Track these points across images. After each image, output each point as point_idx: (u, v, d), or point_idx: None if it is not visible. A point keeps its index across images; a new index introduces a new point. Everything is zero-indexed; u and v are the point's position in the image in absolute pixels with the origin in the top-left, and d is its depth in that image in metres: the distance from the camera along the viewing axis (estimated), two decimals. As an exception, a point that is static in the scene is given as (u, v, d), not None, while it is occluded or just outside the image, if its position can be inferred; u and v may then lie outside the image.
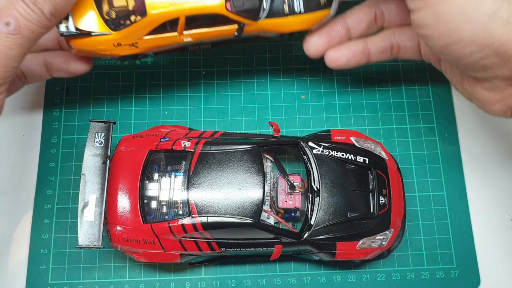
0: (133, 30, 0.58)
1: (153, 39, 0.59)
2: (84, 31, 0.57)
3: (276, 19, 0.61)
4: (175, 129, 0.71)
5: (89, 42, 0.58)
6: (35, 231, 0.73)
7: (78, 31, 0.56)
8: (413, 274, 0.73)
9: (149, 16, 0.56)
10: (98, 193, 0.62)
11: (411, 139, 0.79)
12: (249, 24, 0.60)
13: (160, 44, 0.61)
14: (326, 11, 0.63)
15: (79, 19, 0.56)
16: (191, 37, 0.61)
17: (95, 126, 0.65)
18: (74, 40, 0.58)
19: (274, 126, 0.70)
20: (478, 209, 0.76)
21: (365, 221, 0.66)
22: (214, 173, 0.64)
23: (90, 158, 0.63)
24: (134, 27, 0.57)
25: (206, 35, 0.61)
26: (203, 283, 0.72)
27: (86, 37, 0.57)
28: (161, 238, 0.63)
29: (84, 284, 0.71)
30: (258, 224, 0.62)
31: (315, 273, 0.73)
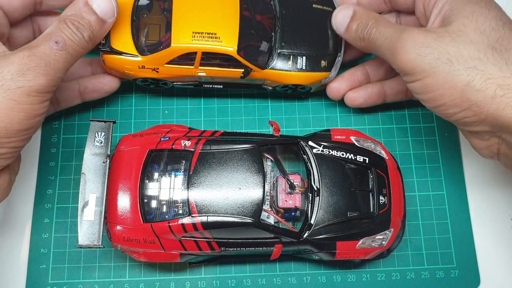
0: (157, 57, 0.67)
1: (173, 68, 0.69)
2: (117, 50, 0.67)
3: (280, 71, 0.70)
4: (175, 128, 0.71)
5: (119, 60, 0.68)
6: (35, 230, 0.73)
7: (112, 49, 0.67)
8: (413, 273, 0.73)
9: (172, 47, 0.66)
10: (98, 193, 0.62)
11: (411, 139, 0.79)
12: (256, 70, 0.69)
13: (178, 73, 0.70)
14: (326, 73, 0.72)
15: (115, 41, 0.67)
16: (205, 72, 0.69)
17: (95, 125, 0.65)
18: (107, 56, 0.68)
19: (274, 125, 0.70)
20: (478, 209, 0.76)
21: (365, 221, 0.66)
22: (214, 172, 0.64)
23: (90, 157, 0.63)
24: (158, 54, 0.67)
25: (217, 73, 0.70)
26: (203, 283, 0.72)
27: (118, 55, 0.67)
28: (161, 237, 0.63)
29: (84, 283, 0.71)
30: (258, 223, 0.62)
31: (315, 273, 0.73)
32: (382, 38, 0.62)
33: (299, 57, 0.71)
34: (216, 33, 0.66)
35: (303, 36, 0.71)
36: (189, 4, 0.67)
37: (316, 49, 0.71)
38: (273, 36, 0.70)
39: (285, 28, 0.71)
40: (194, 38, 0.66)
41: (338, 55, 0.72)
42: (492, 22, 0.56)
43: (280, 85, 0.73)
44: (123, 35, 0.67)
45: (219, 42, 0.66)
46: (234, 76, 0.70)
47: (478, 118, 0.56)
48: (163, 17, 0.68)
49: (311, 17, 0.72)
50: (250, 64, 0.68)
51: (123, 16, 0.67)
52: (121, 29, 0.67)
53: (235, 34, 0.67)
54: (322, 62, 0.71)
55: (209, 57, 0.68)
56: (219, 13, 0.67)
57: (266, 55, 0.70)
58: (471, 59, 0.55)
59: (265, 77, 0.71)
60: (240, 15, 0.68)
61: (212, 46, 0.66)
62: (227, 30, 0.67)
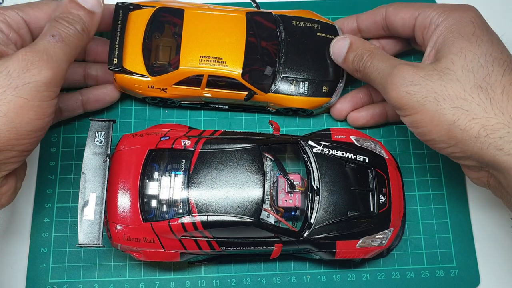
0: (166, 78, 0.70)
1: (180, 88, 0.72)
2: (128, 70, 0.70)
3: (282, 95, 0.73)
4: (175, 128, 0.71)
5: (129, 79, 0.71)
6: (35, 229, 0.73)
7: (123, 69, 0.70)
8: (413, 273, 0.73)
9: (180, 69, 0.69)
10: (98, 192, 0.62)
11: (411, 138, 0.79)
12: (259, 93, 0.72)
13: (185, 94, 0.73)
14: (327, 99, 0.74)
15: (127, 61, 0.70)
16: (211, 94, 0.72)
17: (95, 125, 0.65)
18: (119, 75, 0.71)
19: (274, 125, 0.70)
20: (478, 208, 0.76)
21: (365, 220, 0.66)
22: (214, 172, 0.64)
23: (90, 157, 0.63)
24: (167, 75, 0.70)
25: (222, 95, 0.72)
26: (203, 282, 0.72)
27: (129, 75, 0.71)
28: (161, 237, 0.63)
29: (84, 283, 0.71)
30: (258, 223, 0.62)
31: (315, 272, 0.73)
32: (375, 73, 0.64)
33: (301, 82, 0.73)
34: (222, 57, 0.69)
35: (306, 63, 0.73)
36: (198, 29, 0.71)
37: (318, 75, 0.73)
38: (277, 61, 0.72)
39: (289, 54, 0.73)
40: (201, 61, 0.69)
41: (340, 82, 0.74)
42: (481, 59, 0.57)
43: (282, 107, 0.75)
44: (134, 56, 0.71)
45: (224, 66, 0.69)
46: (238, 98, 0.73)
47: (465, 154, 0.58)
48: (173, 40, 0.71)
49: (315, 44, 0.74)
50: (254, 88, 0.71)
51: (135, 38, 0.71)
52: (133, 50, 0.71)
53: (240, 59, 0.70)
54: (324, 88, 0.73)
55: (215, 80, 0.71)
56: (226, 39, 0.70)
57: (269, 79, 0.72)
58: (457, 99, 0.56)
59: (268, 100, 0.74)
60: (246, 41, 0.71)
61: (218, 70, 0.69)
62: (232, 55, 0.70)
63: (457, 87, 0.57)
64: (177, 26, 0.71)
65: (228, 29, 0.71)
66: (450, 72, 0.58)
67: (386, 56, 0.66)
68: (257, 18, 0.73)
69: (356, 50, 0.68)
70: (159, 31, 0.71)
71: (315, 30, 0.75)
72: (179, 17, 0.71)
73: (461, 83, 0.57)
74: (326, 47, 0.74)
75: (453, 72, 0.58)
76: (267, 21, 0.74)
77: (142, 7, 0.73)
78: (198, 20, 0.71)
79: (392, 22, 0.72)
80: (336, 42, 0.70)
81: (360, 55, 0.67)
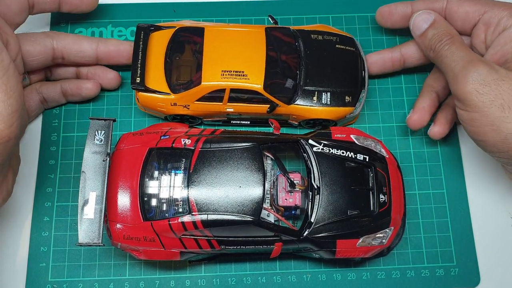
0: (188, 95, 0.70)
1: (203, 104, 0.72)
2: (151, 89, 0.71)
3: (305, 106, 0.72)
4: (175, 126, 0.71)
5: (152, 98, 0.72)
6: (35, 229, 0.73)
7: (146, 88, 0.70)
8: (413, 272, 0.73)
9: (202, 85, 0.69)
10: (98, 191, 0.62)
11: (411, 137, 0.79)
12: (281, 105, 0.71)
13: (207, 110, 0.73)
14: (350, 108, 0.73)
15: (149, 80, 0.71)
16: (233, 108, 0.72)
17: (95, 123, 0.65)
18: (142, 94, 0.71)
19: (275, 124, 0.70)
20: (478, 207, 0.76)
21: (365, 219, 0.66)
22: (214, 171, 0.64)
23: (90, 155, 0.63)
24: (189, 91, 0.70)
25: (244, 109, 0.73)
26: (203, 281, 0.72)
27: (151, 94, 0.71)
28: (161, 236, 0.63)
29: (84, 282, 0.71)
30: (258, 222, 0.62)
31: (315, 271, 0.73)
32: (451, 59, 0.64)
33: (323, 93, 0.72)
34: (243, 71, 0.70)
35: (327, 74, 0.73)
36: (219, 45, 0.71)
37: (340, 86, 0.73)
38: (298, 74, 0.72)
39: (310, 66, 0.73)
40: (223, 76, 0.69)
41: (362, 91, 0.74)
42: None
43: (305, 120, 0.74)
44: (156, 75, 0.71)
45: (246, 79, 0.69)
46: (261, 111, 0.73)
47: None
48: (194, 59, 0.72)
49: (334, 56, 0.74)
50: (276, 100, 0.71)
51: (157, 58, 0.72)
52: (155, 70, 0.71)
53: (261, 72, 0.70)
54: (347, 98, 0.73)
55: (237, 95, 0.71)
56: (246, 53, 0.71)
57: (291, 91, 0.72)
58: None
59: (291, 112, 0.73)
60: (267, 55, 0.71)
61: (239, 84, 0.69)
62: (253, 68, 0.70)
63: None
64: (198, 44, 0.72)
65: (248, 43, 0.71)
66: None
67: (465, 45, 0.65)
68: (275, 33, 0.74)
69: (438, 29, 0.67)
70: (180, 51, 0.72)
71: (333, 42, 0.75)
72: (199, 35, 0.72)
73: None
74: (346, 58, 0.74)
75: None
76: (286, 36, 0.74)
77: (162, 28, 0.73)
78: (219, 36, 0.72)
79: (453, 13, 0.70)
80: (419, 14, 0.69)
81: (440, 35, 0.67)
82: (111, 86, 0.77)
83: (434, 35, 0.68)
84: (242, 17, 0.84)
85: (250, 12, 0.85)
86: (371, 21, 0.84)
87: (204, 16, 0.84)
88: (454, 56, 0.63)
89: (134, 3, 0.84)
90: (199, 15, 0.84)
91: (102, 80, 0.76)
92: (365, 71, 0.75)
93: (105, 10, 0.83)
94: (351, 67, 0.74)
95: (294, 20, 0.84)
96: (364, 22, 0.84)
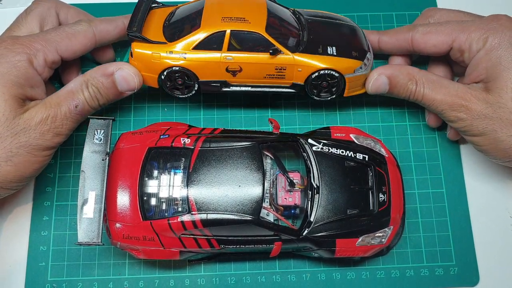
0: (186, 41, 0.67)
1: (200, 54, 0.68)
2: (146, 38, 0.68)
3: (310, 55, 0.68)
4: (175, 126, 0.71)
5: (146, 46, 0.68)
6: (34, 228, 0.73)
7: (141, 36, 0.68)
8: (412, 271, 0.73)
9: (201, 28, 0.67)
10: (98, 190, 0.62)
11: (410, 136, 0.79)
12: (285, 52, 0.68)
13: (206, 61, 0.68)
14: (358, 62, 0.69)
15: (146, 31, 0.69)
16: (233, 58, 0.68)
17: (94, 123, 0.65)
18: (135, 43, 0.69)
19: (274, 123, 0.70)
20: (478, 207, 0.76)
21: (365, 218, 0.66)
22: (214, 170, 0.64)
23: (90, 155, 0.63)
24: (186, 37, 0.68)
25: (245, 59, 0.68)
26: (202, 280, 0.72)
27: (146, 42, 0.68)
28: (160, 235, 0.63)
29: (84, 281, 0.71)
30: (258, 221, 0.62)
31: (314, 270, 0.73)
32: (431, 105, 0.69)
33: (328, 47, 0.69)
34: (245, 17, 0.67)
35: (330, 35, 0.71)
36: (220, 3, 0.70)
37: (345, 43, 0.71)
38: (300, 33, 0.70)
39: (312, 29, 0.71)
40: (224, 21, 0.67)
41: (367, 53, 0.71)
42: None
43: (311, 75, 0.69)
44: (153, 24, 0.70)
45: (248, 23, 0.67)
46: (263, 62, 0.68)
47: None
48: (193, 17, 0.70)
49: (336, 26, 0.73)
50: (279, 45, 0.67)
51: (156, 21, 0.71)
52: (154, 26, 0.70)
53: (263, 19, 0.68)
54: (353, 52, 0.70)
55: (237, 42, 0.67)
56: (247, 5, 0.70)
57: (294, 41, 0.69)
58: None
59: (295, 62, 0.68)
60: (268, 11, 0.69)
61: (241, 27, 0.67)
62: (255, 15, 0.68)
63: (510, 118, 0.64)
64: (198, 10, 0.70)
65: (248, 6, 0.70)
66: (502, 105, 0.64)
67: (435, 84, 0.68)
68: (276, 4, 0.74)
69: (398, 87, 0.70)
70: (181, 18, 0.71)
71: (334, 17, 0.75)
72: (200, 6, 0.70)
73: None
74: (348, 29, 0.73)
75: (504, 104, 0.64)
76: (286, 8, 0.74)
77: (165, 5, 0.74)
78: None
79: (422, 49, 0.72)
80: (373, 83, 0.71)
81: (405, 89, 0.70)
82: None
83: (400, 91, 0.70)
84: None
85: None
86: (371, 20, 0.84)
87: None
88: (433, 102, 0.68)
89: (134, 2, 0.84)
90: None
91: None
92: (367, 41, 0.74)
93: (105, 10, 0.83)
94: (354, 35, 0.73)
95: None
96: (364, 22, 0.84)
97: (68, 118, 0.64)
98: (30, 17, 0.70)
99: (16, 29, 0.70)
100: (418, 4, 0.85)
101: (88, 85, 0.66)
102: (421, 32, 0.71)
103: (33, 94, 0.64)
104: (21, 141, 0.61)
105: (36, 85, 0.65)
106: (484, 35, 0.66)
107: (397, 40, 0.74)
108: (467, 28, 0.67)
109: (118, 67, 0.68)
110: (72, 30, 0.68)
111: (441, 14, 0.74)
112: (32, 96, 0.64)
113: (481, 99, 0.65)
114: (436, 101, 0.67)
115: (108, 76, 0.67)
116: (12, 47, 0.63)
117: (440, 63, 0.77)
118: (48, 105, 0.63)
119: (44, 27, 0.71)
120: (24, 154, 0.62)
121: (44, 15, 0.71)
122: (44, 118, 0.62)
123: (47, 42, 0.65)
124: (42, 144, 0.62)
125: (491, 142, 0.66)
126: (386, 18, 0.85)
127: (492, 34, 0.65)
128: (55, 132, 0.63)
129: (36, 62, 0.64)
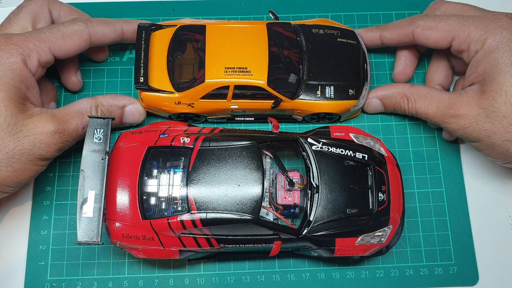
0: (192, 93, 0.71)
1: (207, 102, 0.72)
2: (154, 88, 0.71)
3: (309, 101, 0.72)
4: (174, 125, 0.71)
5: (156, 97, 0.72)
6: (34, 227, 0.73)
7: (150, 87, 0.71)
8: (411, 270, 0.73)
9: (206, 82, 0.69)
10: (97, 189, 0.62)
11: (410, 136, 0.79)
12: (285, 100, 0.72)
13: (212, 107, 0.73)
14: (354, 101, 0.74)
15: (153, 80, 0.71)
16: (237, 105, 0.73)
17: (94, 122, 0.64)
18: (146, 94, 0.71)
19: (273, 122, 0.70)
20: (477, 206, 0.76)
21: (364, 218, 0.66)
22: (213, 169, 0.64)
23: (89, 154, 0.63)
24: (193, 90, 0.70)
25: (249, 105, 0.73)
26: (202, 280, 0.72)
27: (155, 93, 0.71)
28: (160, 234, 0.63)
29: (83, 280, 0.71)
30: (257, 220, 0.62)
31: (314, 270, 0.73)
32: (425, 117, 0.71)
33: (327, 87, 0.73)
34: (246, 67, 0.70)
35: (329, 68, 0.73)
36: (221, 42, 0.71)
37: (343, 79, 0.73)
38: (300, 68, 0.72)
39: (312, 61, 0.73)
40: (227, 73, 0.69)
41: (365, 84, 0.74)
42: None
43: (309, 114, 0.75)
44: (160, 74, 0.71)
45: (250, 75, 0.70)
46: (265, 107, 0.73)
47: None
48: (196, 56, 0.72)
49: (336, 50, 0.74)
50: (280, 95, 0.71)
51: (159, 57, 0.72)
52: (158, 69, 0.72)
53: (264, 68, 0.70)
54: (350, 91, 0.73)
55: (241, 92, 0.71)
56: (249, 50, 0.71)
57: (294, 86, 0.72)
58: (506, 132, 0.64)
59: (295, 107, 0.73)
60: (269, 51, 0.71)
61: (243, 80, 0.69)
62: (257, 64, 0.70)
63: (504, 123, 0.63)
64: (200, 42, 0.72)
65: (250, 40, 0.72)
66: (495, 109, 0.64)
67: (427, 98, 0.70)
68: (277, 28, 0.74)
69: (391, 106, 0.75)
70: (182, 49, 0.72)
71: (335, 36, 0.75)
72: (201, 33, 0.72)
73: (506, 118, 0.63)
74: (347, 52, 0.74)
75: (497, 109, 0.64)
76: (287, 31, 0.74)
77: (163, 27, 0.74)
78: (220, 33, 0.72)
79: (424, 44, 0.72)
80: (367, 106, 0.76)
81: (398, 106, 0.74)
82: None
83: (395, 109, 0.75)
84: (241, 15, 0.84)
85: (249, 10, 0.85)
86: (371, 20, 0.84)
87: (203, 14, 0.84)
88: (427, 115, 0.71)
89: (133, 2, 0.84)
90: (198, 13, 0.84)
91: None
92: (367, 64, 0.75)
93: (104, 9, 0.83)
94: (353, 60, 0.74)
95: (293, 19, 0.84)
96: (363, 21, 0.84)
97: (74, 136, 0.66)
98: (22, 14, 0.70)
99: (8, 26, 0.69)
100: (418, 3, 0.85)
101: (97, 109, 0.69)
102: (421, 27, 0.71)
103: (29, 95, 0.64)
104: (25, 148, 0.61)
105: (31, 86, 0.64)
106: (483, 37, 0.66)
107: (398, 35, 0.74)
108: (467, 27, 0.67)
109: (131, 102, 0.72)
110: (67, 30, 0.67)
111: (447, 7, 0.74)
112: (28, 97, 0.64)
113: (474, 105, 0.65)
114: (429, 114, 0.70)
115: (119, 108, 0.71)
116: (6, 48, 0.63)
117: (441, 65, 0.77)
118: (57, 119, 0.64)
119: (36, 25, 0.70)
120: (25, 161, 0.62)
121: (37, 12, 0.70)
122: (53, 132, 0.63)
123: (41, 42, 0.65)
124: (44, 155, 0.63)
125: (488, 147, 0.67)
126: (385, 17, 0.85)
127: (491, 36, 0.65)
128: (60, 146, 0.65)
129: (30, 63, 0.64)
